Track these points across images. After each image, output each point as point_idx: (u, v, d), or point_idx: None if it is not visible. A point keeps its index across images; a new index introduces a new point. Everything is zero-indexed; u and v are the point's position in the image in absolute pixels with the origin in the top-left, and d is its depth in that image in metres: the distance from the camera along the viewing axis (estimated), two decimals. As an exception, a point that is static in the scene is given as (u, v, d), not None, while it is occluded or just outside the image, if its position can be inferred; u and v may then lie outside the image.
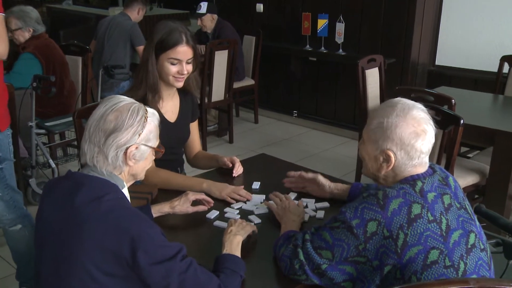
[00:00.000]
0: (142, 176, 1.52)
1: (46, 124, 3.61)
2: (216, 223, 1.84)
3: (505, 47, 4.35)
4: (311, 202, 1.99)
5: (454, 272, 1.37)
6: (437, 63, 4.96)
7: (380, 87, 3.82)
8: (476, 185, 3.09)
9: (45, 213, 1.40)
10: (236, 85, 5.16)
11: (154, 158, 1.52)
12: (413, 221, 1.36)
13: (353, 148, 4.51)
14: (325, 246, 1.44)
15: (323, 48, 5.22)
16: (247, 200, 1.99)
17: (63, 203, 1.35)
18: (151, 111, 1.46)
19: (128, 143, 1.38)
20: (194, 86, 2.27)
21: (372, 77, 3.75)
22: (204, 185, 2.06)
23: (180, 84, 2.16)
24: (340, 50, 5.10)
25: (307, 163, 2.86)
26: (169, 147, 1.55)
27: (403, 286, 1.30)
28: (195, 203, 1.87)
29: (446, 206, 1.44)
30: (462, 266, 1.39)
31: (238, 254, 1.56)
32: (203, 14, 4.99)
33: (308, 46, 5.34)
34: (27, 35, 3.71)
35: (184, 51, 2.09)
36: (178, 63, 2.10)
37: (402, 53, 4.81)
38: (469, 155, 3.74)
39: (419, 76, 4.93)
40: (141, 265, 1.26)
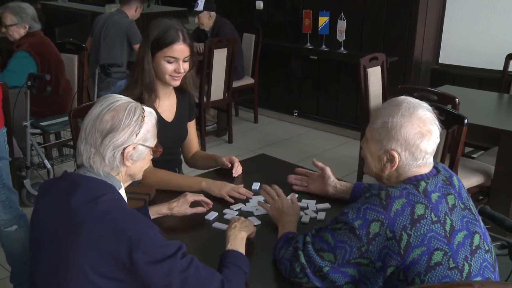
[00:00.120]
0: (140, 177, 1.52)
1: (41, 123, 3.61)
2: (215, 225, 1.84)
3: (510, 44, 4.34)
4: (312, 203, 1.99)
5: (458, 274, 1.37)
6: (440, 61, 4.96)
7: (382, 86, 3.82)
8: (481, 186, 3.09)
9: (40, 214, 1.39)
10: (236, 84, 5.15)
11: (152, 158, 1.52)
12: (416, 221, 1.36)
13: (354, 148, 4.51)
14: (327, 248, 1.44)
15: (324, 46, 5.22)
16: (246, 201, 1.99)
17: (59, 204, 1.35)
18: (148, 110, 1.46)
19: (125, 144, 1.38)
20: (190, 84, 2.27)
21: (374, 75, 3.75)
22: (203, 183, 2.05)
23: (176, 83, 2.16)
24: (342, 48, 5.10)
25: (308, 164, 2.85)
26: (166, 147, 1.55)
27: (406, 289, 1.30)
28: (194, 204, 1.87)
29: (450, 206, 1.44)
30: (467, 267, 1.39)
31: (242, 250, 1.56)
32: (200, 12, 4.98)
33: (309, 44, 5.34)
34: (22, 31, 3.70)
35: (180, 49, 2.09)
36: (174, 61, 2.10)
37: (404, 51, 4.80)
38: (473, 156, 3.74)
39: (422, 75, 4.93)
40: (140, 265, 1.26)
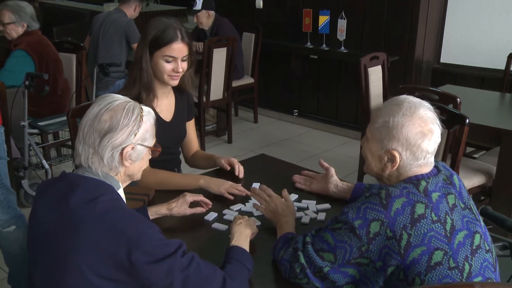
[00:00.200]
0: (139, 177, 1.52)
1: (39, 123, 3.61)
2: (214, 225, 1.84)
3: (512, 44, 4.36)
4: (312, 203, 2.00)
5: (459, 274, 1.37)
6: (442, 60, 4.96)
7: (383, 86, 3.83)
8: (482, 186, 3.09)
9: (39, 215, 1.40)
10: (235, 83, 5.16)
11: (151, 157, 1.52)
12: (416, 221, 1.37)
13: (355, 148, 4.51)
14: (327, 248, 1.44)
15: (324, 45, 5.23)
16: (246, 201, 1.99)
17: (57, 204, 1.35)
18: (146, 109, 1.46)
19: (123, 144, 1.38)
20: (189, 84, 2.28)
21: (375, 75, 3.76)
22: (201, 181, 2.06)
23: (175, 83, 2.16)
24: (342, 48, 5.10)
25: (308, 164, 2.86)
26: (165, 146, 1.55)
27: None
28: (193, 204, 1.87)
29: (451, 206, 1.44)
30: (467, 267, 1.39)
31: (246, 247, 1.57)
32: (199, 11, 4.99)
33: (309, 43, 5.34)
34: (20, 30, 3.71)
35: (179, 48, 2.09)
36: (173, 60, 2.10)
37: (405, 50, 4.81)
38: (475, 156, 3.74)
39: (423, 74, 4.93)
40: (140, 265, 1.27)
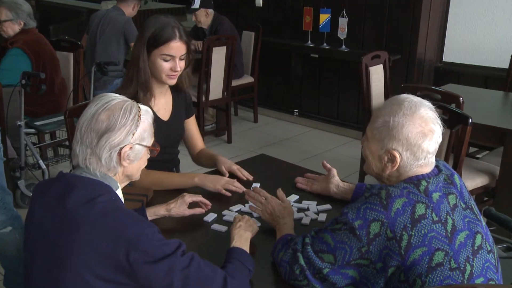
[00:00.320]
0: (137, 177, 1.52)
1: (36, 123, 3.61)
2: (214, 226, 1.84)
3: (516, 42, 4.37)
4: (313, 204, 2.00)
5: (460, 275, 1.38)
6: (444, 59, 4.97)
7: (385, 85, 3.83)
8: (485, 187, 3.10)
9: (35, 216, 1.40)
10: (235, 82, 5.16)
11: (149, 157, 1.52)
12: (417, 221, 1.37)
13: (356, 148, 4.52)
14: (326, 249, 1.44)
15: (325, 44, 5.23)
16: (246, 202, 1.99)
17: (54, 205, 1.35)
18: (144, 108, 1.47)
19: (121, 144, 1.39)
20: (186, 83, 2.28)
21: (376, 74, 3.76)
22: (196, 179, 2.07)
23: (173, 82, 2.17)
24: (343, 46, 5.10)
25: (309, 164, 2.86)
26: (163, 146, 1.55)
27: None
28: (192, 205, 1.87)
29: (452, 206, 1.45)
30: (469, 268, 1.39)
31: (247, 249, 1.58)
32: (197, 9, 4.99)
33: (309, 42, 5.34)
34: (17, 28, 3.71)
35: (177, 47, 2.09)
36: (171, 59, 2.10)
37: (407, 49, 4.81)
38: (478, 156, 3.75)
39: (425, 73, 4.94)
40: (139, 266, 1.27)
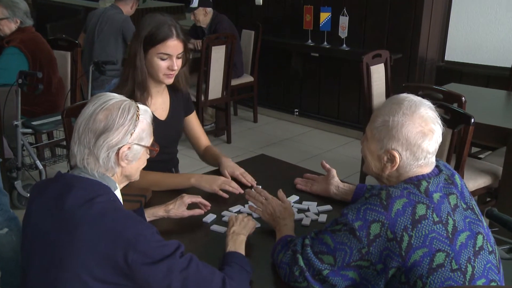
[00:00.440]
0: (136, 177, 1.53)
1: (33, 123, 3.61)
2: (213, 227, 1.85)
3: (518, 41, 4.37)
4: (313, 205, 2.01)
5: (462, 276, 1.38)
6: (446, 58, 4.97)
7: (386, 84, 3.83)
8: (488, 187, 3.10)
9: (33, 217, 1.40)
10: (234, 82, 5.17)
11: (149, 157, 1.53)
12: (417, 222, 1.37)
13: (357, 148, 4.50)
14: (326, 250, 1.45)
15: (325, 43, 5.23)
16: (246, 202, 2.00)
17: (52, 206, 1.36)
18: (143, 108, 1.47)
19: (119, 143, 1.39)
20: (183, 82, 2.28)
21: (378, 73, 3.76)
22: (192, 180, 2.07)
23: (170, 81, 2.17)
24: (344, 45, 5.11)
25: (309, 164, 2.87)
26: (161, 146, 1.55)
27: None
28: (191, 206, 1.88)
29: (453, 206, 1.45)
30: (470, 269, 1.40)
31: (242, 252, 1.58)
32: (195, 8, 5.00)
33: (310, 41, 5.35)
34: (14, 26, 3.71)
35: (174, 45, 2.10)
36: (168, 58, 2.10)
37: (409, 48, 4.82)
38: (480, 156, 3.75)
39: (427, 73, 4.94)
40: (137, 267, 1.27)
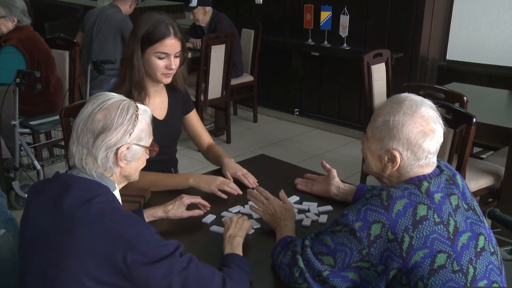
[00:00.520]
0: (136, 177, 1.53)
1: (31, 123, 3.61)
2: (212, 228, 1.85)
3: (521, 40, 4.37)
4: (314, 205, 2.01)
5: (463, 277, 1.38)
6: (448, 57, 4.97)
7: (387, 84, 3.84)
8: (490, 188, 3.10)
9: (31, 217, 1.40)
10: (234, 81, 5.17)
11: (148, 157, 1.53)
12: (418, 223, 1.37)
13: (358, 148, 4.50)
14: (326, 251, 1.45)
15: (326, 42, 5.24)
16: (245, 203, 2.00)
17: (50, 206, 1.36)
18: (142, 107, 1.47)
19: (118, 144, 1.39)
20: (180, 81, 2.27)
21: (379, 73, 3.77)
22: (191, 180, 2.08)
23: (168, 80, 2.17)
24: (345, 44, 5.11)
25: (309, 165, 2.87)
26: (160, 146, 1.56)
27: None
28: (191, 207, 1.88)
29: (454, 207, 1.45)
30: (471, 270, 1.40)
31: (239, 253, 1.59)
32: (194, 7, 5.00)
33: (310, 40, 5.35)
34: (11, 25, 3.71)
35: (172, 44, 2.09)
36: (166, 57, 2.10)
37: (410, 47, 4.82)
38: (482, 156, 3.75)
39: (428, 72, 4.94)
40: (137, 268, 1.27)
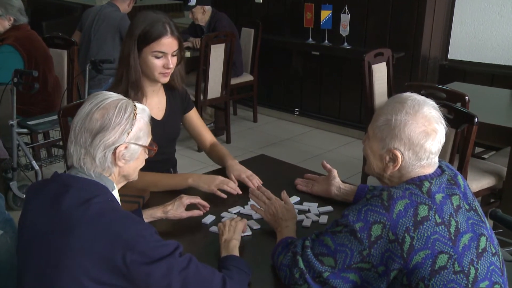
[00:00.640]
0: (135, 177, 1.53)
1: (29, 123, 3.61)
2: (212, 229, 1.85)
3: (523, 39, 4.37)
4: (314, 206, 2.01)
5: (464, 278, 1.39)
6: (449, 57, 4.97)
7: (388, 84, 3.84)
8: (492, 188, 3.10)
9: (29, 218, 1.40)
10: (234, 81, 5.17)
11: (147, 157, 1.53)
12: (419, 223, 1.38)
13: (358, 148, 4.52)
14: (326, 252, 1.45)
15: (326, 41, 5.24)
16: (245, 204, 2.00)
17: (49, 207, 1.36)
18: (140, 107, 1.48)
19: (116, 143, 1.39)
20: (178, 81, 2.27)
21: (380, 72, 3.77)
22: (190, 180, 2.08)
23: (166, 80, 2.17)
24: (345, 44, 5.11)
25: (310, 165, 2.87)
26: (158, 146, 1.56)
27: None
28: (190, 207, 1.88)
29: (455, 207, 1.45)
30: (473, 271, 1.40)
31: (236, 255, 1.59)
32: (193, 6, 5.01)
33: (310, 39, 5.35)
34: (7, 24, 3.71)
35: (169, 43, 2.09)
36: (163, 56, 2.10)
37: (411, 46, 4.82)
38: (484, 156, 3.75)
39: (430, 71, 4.95)
40: (136, 268, 1.28)
